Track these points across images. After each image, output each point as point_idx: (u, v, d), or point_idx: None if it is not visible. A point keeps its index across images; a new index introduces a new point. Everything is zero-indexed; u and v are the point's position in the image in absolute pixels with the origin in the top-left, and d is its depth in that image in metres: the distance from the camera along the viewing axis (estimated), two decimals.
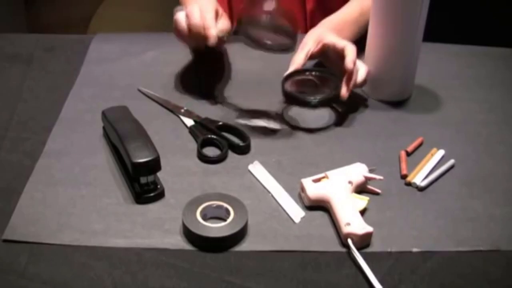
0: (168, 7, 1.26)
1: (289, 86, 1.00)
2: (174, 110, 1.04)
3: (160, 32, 1.29)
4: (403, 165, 0.92)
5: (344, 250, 0.79)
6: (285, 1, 1.27)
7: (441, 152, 0.96)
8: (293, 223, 0.83)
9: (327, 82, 1.02)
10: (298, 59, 1.02)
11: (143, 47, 1.22)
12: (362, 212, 0.83)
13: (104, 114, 0.94)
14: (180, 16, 1.03)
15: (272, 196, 0.87)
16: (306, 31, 1.31)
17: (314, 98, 0.98)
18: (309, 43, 1.04)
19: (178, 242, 0.80)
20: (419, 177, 0.90)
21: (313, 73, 1.03)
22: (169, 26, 1.30)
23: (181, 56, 1.18)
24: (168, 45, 1.17)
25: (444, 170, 0.93)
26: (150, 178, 0.85)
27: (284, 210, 0.85)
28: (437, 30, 1.24)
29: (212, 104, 1.06)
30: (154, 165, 0.84)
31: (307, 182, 0.86)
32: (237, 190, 0.87)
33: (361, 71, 1.03)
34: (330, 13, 1.29)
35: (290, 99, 1.00)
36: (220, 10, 1.09)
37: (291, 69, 1.02)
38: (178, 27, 1.03)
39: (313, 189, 0.85)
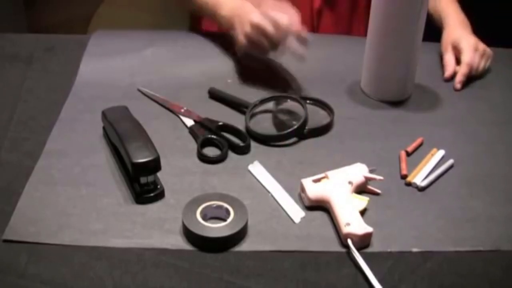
0: (168, 8, 1.26)
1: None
2: (174, 110, 1.04)
3: (159, 30, 1.28)
4: (403, 165, 0.92)
5: (344, 250, 0.79)
6: (292, 0, 1.27)
7: (441, 152, 0.96)
8: (293, 223, 0.83)
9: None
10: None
11: (142, 44, 1.22)
12: (362, 212, 0.83)
13: (104, 114, 0.94)
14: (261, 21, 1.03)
15: (272, 196, 0.87)
16: (313, 30, 1.31)
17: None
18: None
19: (178, 242, 0.79)
20: (419, 177, 0.90)
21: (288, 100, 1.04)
22: (169, 26, 1.30)
23: (181, 55, 1.18)
24: (168, 43, 1.17)
25: (444, 170, 0.93)
26: (150, 178, 0.85)
27: (284, 210, 0.85)
28: (437, 30, 1.23)
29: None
30: (154, 165, 0.84)
31: (307, 182, 0.86)
32: (237, 190, 0.87)
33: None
34: (337, 12, 1.29)
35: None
36: None
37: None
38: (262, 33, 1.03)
39: (313, 189, 0.85)
